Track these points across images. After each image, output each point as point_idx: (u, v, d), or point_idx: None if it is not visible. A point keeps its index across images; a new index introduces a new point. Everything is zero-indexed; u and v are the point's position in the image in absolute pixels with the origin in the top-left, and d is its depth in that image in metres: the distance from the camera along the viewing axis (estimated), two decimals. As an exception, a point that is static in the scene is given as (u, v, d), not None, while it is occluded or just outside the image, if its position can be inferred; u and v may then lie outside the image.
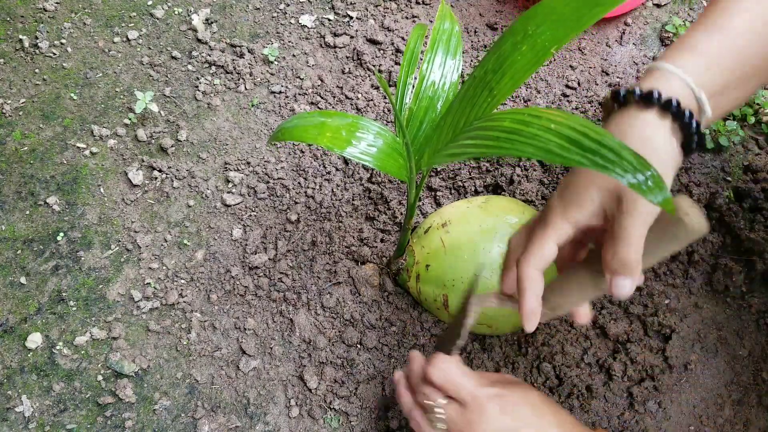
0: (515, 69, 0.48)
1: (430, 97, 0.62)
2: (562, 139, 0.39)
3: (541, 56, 0.46)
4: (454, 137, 0.52)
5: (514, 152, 0.41)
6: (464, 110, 0.52)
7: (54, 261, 0.80)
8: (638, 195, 0.37)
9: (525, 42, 0.47)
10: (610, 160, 0.36)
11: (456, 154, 0.50)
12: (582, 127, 0.38)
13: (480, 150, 0.46)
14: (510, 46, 0.48)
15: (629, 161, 0.36)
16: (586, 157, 0.37)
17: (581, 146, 0.38)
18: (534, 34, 0.47)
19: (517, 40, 0.48)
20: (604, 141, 0.37)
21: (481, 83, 0.50)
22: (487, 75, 0.50)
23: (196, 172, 0.86)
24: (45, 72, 0.93)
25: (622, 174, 0.36)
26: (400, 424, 0.70)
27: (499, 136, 0.44)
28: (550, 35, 0.46)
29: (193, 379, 0.74)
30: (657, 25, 0.97)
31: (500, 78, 0.49)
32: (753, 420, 0.69)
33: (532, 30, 0.47)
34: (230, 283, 0.79)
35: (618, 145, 0.37)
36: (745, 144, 0.85)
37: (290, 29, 0.98)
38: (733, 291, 0.75)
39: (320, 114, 0.57)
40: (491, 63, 0.50)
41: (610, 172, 0.36)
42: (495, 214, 0.71)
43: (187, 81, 0.94)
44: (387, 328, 0.75)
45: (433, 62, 0.62)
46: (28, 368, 0.74)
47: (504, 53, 0.49)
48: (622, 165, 0.36)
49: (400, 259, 0.76)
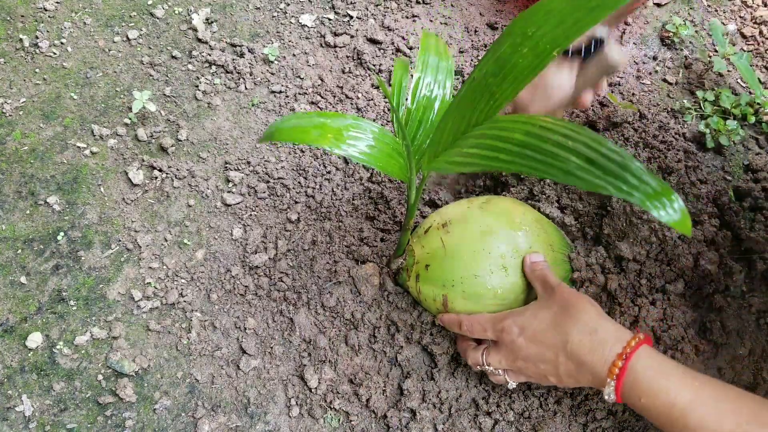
0: (517, 71, 0.47)
1: (427, 96, 0.62)
2: (581, 159, 0.38)
3: (543, 59, 0.45)
4: (454, 141, 0.52)
5: (531, 171, 0.40)
6: (464, 114, 0.51)
7: (54, 260, 0.80)
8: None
9: (525, 44, 0.46)
10: (634, 186, 0.36)
11: (461, 163, 0.49)
12: (601, 147, 0.38)
13: (491, 163, 0.45)
14: (510, 47, 0.47)
15: (654, 189, 0.35)
16: (609, 182, 0.36)
17: (603, 169, 0.37)
18: (534, 36, 0.46)
19: (516, 42, 0.47)
20: (625, 163, 0.36)
21: (481, 86, 0.50)
22: (487, 78, 0.49)
23: (196, 172, 0.86)
24: (45, 72, 0.93)
25: (648, 205, 0.35)
26: (400, 424, 0.70)
27: (511, 150, 0.43)
28: (550, 37, 0.45)
29: (194, 379, 0.74)
30: (657, 25, 0.97)
31: (501, 81, 0.48)
32: (753, 420, 0.69)
33: (532, 32, 0.46)
34: (230, 282, 0.79)
35: (640, 170, 0.36)
36: (745, 143, 0.85)
37: (290, 29, 0.98)
38: (733, 291, 0.75)
39: (318, 114, 0.57)
40: (491, 65, 0.49)
41: (635, 200, 0.35)
42: (495, 214, 0.71)
43: (188, 80, 0.94)
44: (387, 328, 0.75)
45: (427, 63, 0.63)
46: (29, 368, 0.74)
47: (504, 55, 0.48)
48: (646, 193, 0.35)
49: (400, 259, 0.76)
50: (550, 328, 0.59)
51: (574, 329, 0.57)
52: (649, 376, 0.53)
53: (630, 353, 0.54)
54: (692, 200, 0.77)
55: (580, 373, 0.57)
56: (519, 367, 0.61)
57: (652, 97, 0.89)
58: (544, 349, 0.58)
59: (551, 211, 0.78)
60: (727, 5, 0.97)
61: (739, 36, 0.94)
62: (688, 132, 0.86)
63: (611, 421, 0.69)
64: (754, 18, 0.95)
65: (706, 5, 0.97)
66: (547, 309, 0.60)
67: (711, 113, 0.86)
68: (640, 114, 0.87)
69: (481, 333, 0.64)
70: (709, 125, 0.84)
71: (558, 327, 0.58)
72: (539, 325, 0.59)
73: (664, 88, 0.91)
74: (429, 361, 0.74)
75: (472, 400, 0.71)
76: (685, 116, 0.87)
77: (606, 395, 0.55)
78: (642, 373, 0.53)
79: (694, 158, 0.82)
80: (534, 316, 0.60)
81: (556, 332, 0.58)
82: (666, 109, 0.88)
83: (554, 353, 0.58)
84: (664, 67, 0.92)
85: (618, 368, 0.54)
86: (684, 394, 0.51)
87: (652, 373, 0.53)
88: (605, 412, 0.69)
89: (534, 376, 0.61)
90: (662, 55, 0.93)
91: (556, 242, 0.72)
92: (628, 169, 0.36)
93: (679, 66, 0.92)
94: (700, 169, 0.81)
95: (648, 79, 0.91)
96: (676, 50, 0.94)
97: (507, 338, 0.61)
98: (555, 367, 0.58)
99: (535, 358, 0.59)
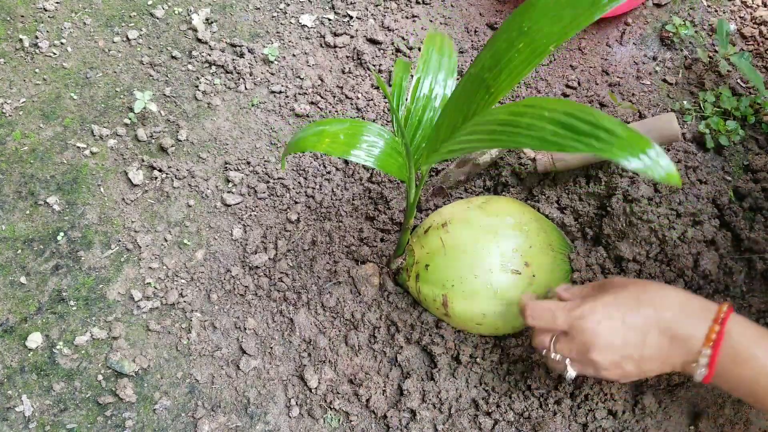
0: (512, 66, 0.47)
1: (427, 96, 0.62)
2: (556, 126, 0.38)
3: (538, 53, 0.45)
4: (452, 135, 0.52)
5: (510, 144, 0.41)
6: (461, 108, 0.51)
7: (54, 261, 0.80)
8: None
9: (521, 39, 0.46)
10: (605, 141, 0.35)
11: (453, 151, 0.50)
12: (573, 110, 0.37)
13: (475, 144, 0.46)
14: (505, 43, 0.47)
15: (626, 140, 0.35)
16: (581, 141, 0.36)
17: (575, 130, 0.36)
18: (530, 31, 0.46)
19: (512, 36, 0.47)
20: (597, 121, 0.36)
21: (477, 80, 0.50)
22: (483, 72, 0.49)
23: (196, 172, 0.86)
24: (45, 72, 0.93)
25: (619, 155, 0.34)
26: (400, 424, 0.70)
27: (494, 129, 0.43)
28: (546, 32, 0.45)
29: (194, 379, 0.74)
30: (657, 25, 0.97)
31: (497, 75, 0.48)
32: (753, 420, 0.69)
33: (528, 27, 0.46)
34: (230, 282, 0.79)
35: (611, 124, 0.35)
36: (745, 144, 0.85)
37: (290, 29, 0.98)
38: (733, 291, 0.75)
39: (317, 124, 0.56)
40: (487, 60, 0.49)
41: (607, 153, 0.35)
42: (495, 214, 0.71)
43: (187, 81, 0.94)
44: (387, 328, 0.75)
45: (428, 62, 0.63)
46: (29, 368, 0.74)
47: (499, 50, 0.48)
48: (619, 144, 0.35)
49: (399, 259, 0.76)
50: (635, 309, 0.55)
51: (664, 303, 0.55)
52: (746, 340, 0.51)
53: (724, 318, 0.53)
54: (692, 200, 0.77)
55: (672, 348, 0.54)
56: (593, 359, 0.57)
57: (652, 97, 0.89)
58: (631, 333, 0.55)
59: (551, 212, 0.78)
60: (727, 5, 0.97)
61: (739, 36, 0.94)
62: (688, 132, 0.86)
63: (611, 421, 0.69)
64: (754, 18, 0.95)
65: (706, 5, 0.97)
66: (625, 292, 0.57)
67: (711, 114, 0.86)
68: (640, 114, 0.87)
69: (551, 323, 0.59)
70: (709, 125, 0.84)
71: (644, 305, 0.55)
72: (623, 308, 0.56)
73: (664, 88, 0.91)
74: (429, 362, 0.74)
75: (472, 400, 0.71)
76: (685, 117, 0.87)
77: (698, 369, 0.53)
78: (738, 337, 0.51)
79: (694, 158, 0.82)
80: (615, 299, 0.57)
81: (644, 311, 0.55)
82: (666, 109, 0.88)
83: (642, 334, 0.55)
84: (664, 67, 0.92)
85: (715, 333, 0.52)
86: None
87: (749, 337, 0.51)
88: (605, 412, 0.69)
89: (608, 366, 0.57)
90: (662, 55, 0.93)
91: (556, 242, 0.72)
92: (600, 126, 0.36)
93: (679, 66, 0.92)
94: (700, 170, 0.81)
95: (648, 79, 0.91)
96: (676, 50, 0.94)
97: (586, 325, 0.56)
98: (640, 349, 0.55)
99: (617, 345, 0.56)
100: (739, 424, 0.69)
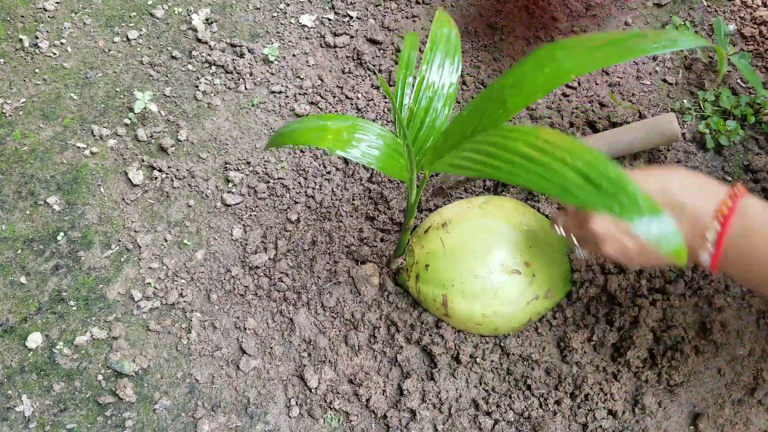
0: (534, 86, 0.48)
1: (430, 97, 0.62)
2: (579, 176, 0.38)
3: (559, 80, 0.47)
4: (459, 144, 0.52)
5: (529, 184, 0.41)
6: (473, 119, 0.52)
7: (54, 261, 0.80)
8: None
9: (550, 65, 0.47)
10: (626, 207, 0.36)
11: (461, 167, 0.50)
12: (596, 161, 0.38)
13: (494, 172, 0.45)
14: (534, 66, 0.49)
15: (645, 207, 0.36)
16: (602, 202, 0.37)
17: (599, 187, 0.37)
18: (560, 61, 0.47)
19: (542, 63, 0.48)
20: (622, 184, 0.37)
21: (496, 94, 0.51)
22: (504, 89, 0.50)
23: (196, 172, 0.86)
24: (45, 72, 0.93)
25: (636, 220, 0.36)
26: (400, 424, 0.70)
27: (513, 160, 0.43)
28: (574, 65, 0.46)
29: (194, 379, 0.74)
30: (657, 25, 0.97)
31: (516, 93, 0.49)
32: (753, 420, 0.69)
33: (560, 56, 0.47)
34: (230, 282, 0.79)
35: (634, 190, 0.36)
36: (745, 144, 0.85)
37: (290, 29, 0.98)
38: (733, 291, 0.75)
39: (319, 117, 0.57)
40: (510, 79, 0.50)
41: (625, 219, 0.36)
42: (495, 214, 0.71)
43: (187, 81, 0.94)
44: (387, 328, 0.75)
45: (432, 62, 0.62)
46: (29, 368, 0.74)
47: (526, 71, 0.49)
48: (638, 210, 0.36)
49: (399, 259, 0.76)
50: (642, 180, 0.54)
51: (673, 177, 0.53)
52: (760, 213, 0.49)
53: (737, 195, 0.51)
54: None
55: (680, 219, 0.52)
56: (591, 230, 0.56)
57: (652, 97, 0.89)
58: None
59: (551, 212, 0.78)
60: (727, 5, 0.97)
61: (739, 36, 0.94)
62: (688, 132, 0.86)
63: (611, 421, 0.69)
64: (753, 18, 0.95)
65: (705, 5, 0.97)
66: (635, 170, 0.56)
67: (711, 113, 0.86)
68: (640, 114, 0.87)
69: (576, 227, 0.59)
70: (709, 125, 0.85)
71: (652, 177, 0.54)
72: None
73: (664, 88, 0.91)
74: (429, 362, 0.74)
75: (472, 400, 0.71)
76: (684, 116, 0.87)
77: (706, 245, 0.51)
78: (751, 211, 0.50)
79: (693, 158, 0.82)
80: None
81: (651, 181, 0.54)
82: (666, 109, 0.88)
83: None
84: (664, 67, 0.92)
85: (727, 207, 0.50)
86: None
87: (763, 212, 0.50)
88: (605, 412, 0.69)
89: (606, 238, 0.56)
90: (662, 55, 0.93)
91: (556, 242, 0.72)
92: (624, 190, 0.37)
93: (679, 66, 0.92)
94: (700, 170, 0.81)
95: (648, 79, 0.91)
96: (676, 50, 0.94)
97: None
98: None
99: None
100: (739, 424, 0.69)
